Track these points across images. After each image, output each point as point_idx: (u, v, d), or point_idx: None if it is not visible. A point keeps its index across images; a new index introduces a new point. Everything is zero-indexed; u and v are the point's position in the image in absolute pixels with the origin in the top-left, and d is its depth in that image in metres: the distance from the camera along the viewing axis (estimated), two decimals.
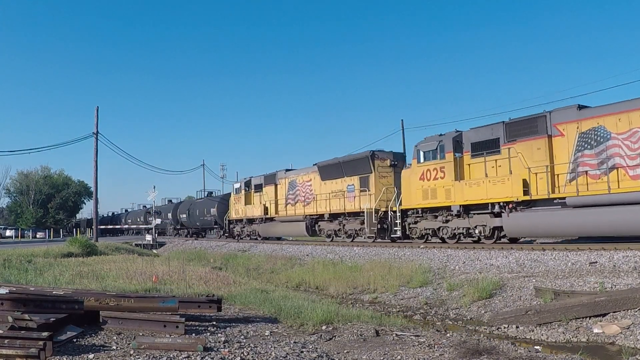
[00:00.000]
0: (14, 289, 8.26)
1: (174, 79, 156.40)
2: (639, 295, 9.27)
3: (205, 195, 46.59)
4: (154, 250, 35.67)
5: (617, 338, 8.55)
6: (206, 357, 5.63)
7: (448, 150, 18.78)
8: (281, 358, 5.94)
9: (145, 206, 59.50)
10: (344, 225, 24.46)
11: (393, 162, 23.25)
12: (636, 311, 9.04)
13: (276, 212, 30.10)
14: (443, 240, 19.38)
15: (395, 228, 21.05)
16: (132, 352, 5.73)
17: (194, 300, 8.16)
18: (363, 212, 22.64)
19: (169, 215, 49.15)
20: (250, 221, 33.32)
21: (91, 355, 5.58)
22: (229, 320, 8.38)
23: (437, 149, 19.16)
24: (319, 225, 26.40)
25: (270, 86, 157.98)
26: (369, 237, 22.58)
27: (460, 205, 18.12)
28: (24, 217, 72.95)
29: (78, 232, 51.09)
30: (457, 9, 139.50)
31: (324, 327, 8.15)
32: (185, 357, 5.58)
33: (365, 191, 23.07)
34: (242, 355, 5.87)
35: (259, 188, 32.04)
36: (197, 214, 42.92)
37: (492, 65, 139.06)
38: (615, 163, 14.26)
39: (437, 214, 19.38)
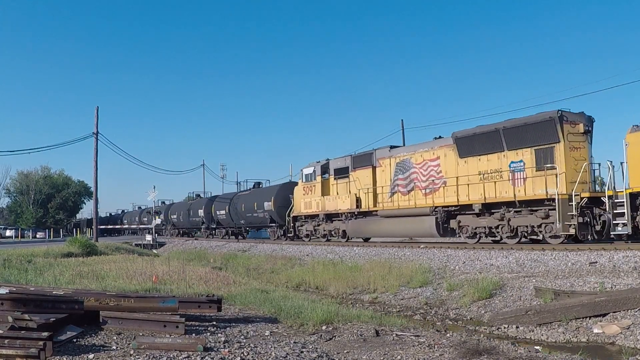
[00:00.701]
0: (14, 289, 8.26)
1: (174, 79, 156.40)
2: (639, 295, 9.27)
3: (250, 187, 38.38)
4: (154, 250, 35.67)
5: (617, 338, 8.55)
6: (206, 357, 5.64)
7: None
8: (281, 358, 5.94)
9: (163, 202, 56.25)
10: (509, 220, 17.13)
11: (587, 128, 16.29)
12: (636, 311, 9.04)
13: (374, 203, 22.55)
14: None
15: (618, 221, 14.39)
16: (132, 352, 5.73)
17: (194, 300, 8.16)
18: (545, 199, 15.85)
19: (200, 211, 43.22)
20: (330, 217, 25.64)
21: (91, 355, 5.58)
22: (229, 320, 8.38)
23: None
24: (459, 221, 19.02)
25: (270, 86, 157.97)
26: (561, 235, 15.48)
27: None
28: (24, 217, 72.99)
29: (78, 232, 51.10)
30: (457, 9, 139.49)
31: (324, 327, 8.15)
32: (185, 357, 5.58)
33: (547, 169, 15.93)
34: (242, 355, 5.87)
35: (343, 173, 24.75)
36: (242, 210, 35.09)
37: (492, 64, 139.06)
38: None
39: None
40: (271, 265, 21.99)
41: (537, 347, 8.10)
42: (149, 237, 42.25)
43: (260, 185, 38.01)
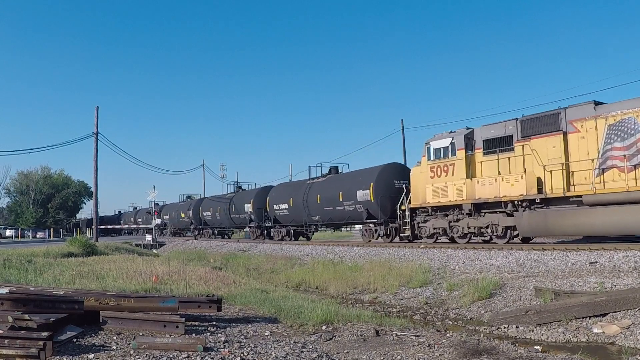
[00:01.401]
0: (14, 289, 8.27)
1: (174, 79, 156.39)
2: (639, 295, 9.26)
3: (324, 173, 28.68)
4: (154, 250, 35.66)
5: (617, 338, 8.55)
6: (206, 357, 5.64)
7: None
8: (281, 358, 5.94)
9: (189, 197, 53.53)
10: None
11: None
12: (636, 311, 9.04)
13: (568, 186, 15.48)
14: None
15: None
16: (132, 352, 5.73)
17: (194, 300, 8.16)
18: None
19: (246, 207, 34.92)
20: (479, 208, 17.94)
21: (91, 355, 5.58)
22: (229, 320, 8.38)
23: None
24: None
25: (270, 86, 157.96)
26: None
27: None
28: (24, 217, 72.96)
29: (78, 232, 51.08)
30: (457, 9, 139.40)
31: (324, 327, 8.15)
32: (185, 357, 5.58)
33: None
34: (242, 355, 5.87)
35: (502, 145, 17.52)
36: (318, 202, 26.48)
37: (492, 64, 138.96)
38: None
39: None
40: (271, 265, 21.99)
41: (537, 347, 8.10)
42: (149, 237, 42.22)
43: (340, 171, 28.48)
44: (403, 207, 20.81)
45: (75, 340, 6.22)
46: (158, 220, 43.10)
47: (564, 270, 12.63)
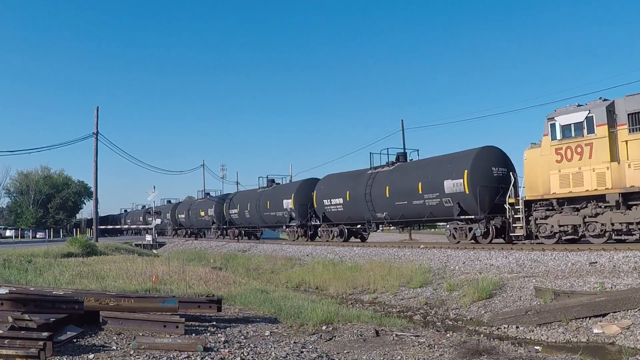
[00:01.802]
0: (14, 289, 8.27)
1: (174, 79, 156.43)
2: (639, 295, 9.26)
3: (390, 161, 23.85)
4: (154, 250, 35.67)
5: (617, 338, 8.55)
6: (206, 357, 5.64)
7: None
8: (281, 358, 5.94)
9: (208, 193, 47.69)
10: None
11: None
12: (636, 311, 9.04)
13: None
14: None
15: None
16: (132, 352, 5.73)
17: (194, 300, 8.16)
18: None
19: (285, 203, 29.86)
20: (628, 199, 14.28)
21: (91, 355, 5.58)
22: (229, 320, 8.38)
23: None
24: None
25: (270, 86, 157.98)
26: None
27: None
28: (24, 217, 72.96)
29: (78, 232, 51.08)
30: (457, 9, 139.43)
31: (324, 327, 8.15)
32: (185, 357, 5.58)
33: None
34: (242, 355, 5.87)
35: None
36: (398, 191, 21.57)
37: (492, 64, 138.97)
38: None
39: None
40: (271, 266, 21.99)
41: (537, 347, 8.10)
42: (149, 237, 42.23)
43: (409, 159, 24.10)
44: (511, 200, 17.02)
45: (75, 340, 6.22)
46: (158, 221, 43.07)
47: (564, 270, 12.63)
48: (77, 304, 6.87)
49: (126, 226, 63.89)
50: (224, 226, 39.63)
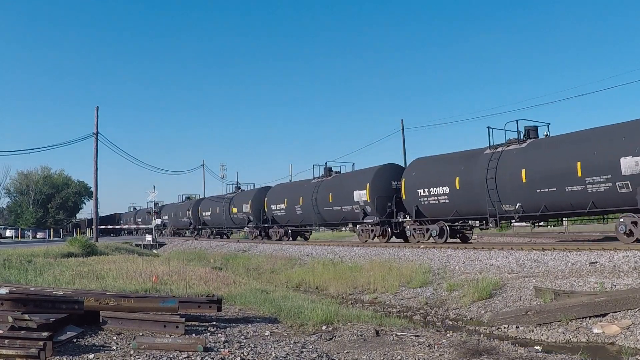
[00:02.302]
0: (14, 289, 8.26)
1: (174, 79, 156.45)
2: (639, 295, 9.26)
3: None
4: (154, 250, 35.67)
5: (617, 338, 8.55)
6: (206, 357, 5.64)
7: None
8: (281, 358, 5.94)
9: (240, 187, 43.60)
10: None
11: None
12: (636, 311, 9.04)
13: None
14: None
15: None
16: (132, 352, 5.73)
17: (194, 300, 8.16)
18: None
19: (358, 195, 23.54)
20: None
21: (91, 355, 5.58)
22: (229, 320, 8.38)
23: None
24: None
25: (270, 86, 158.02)
26: None
27: None
28: (24, 217, 73.00)
29: (78, 232, 51.07)
30: (457, 9, 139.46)
31: (324, 327, 8.15)
32: (185, 357, 5.58)
33: None
34: (242, 355, 5.87)
35: None
36: (508, 180, 17.16)
37: (492, 64, 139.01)
38: None
39: None
40: (271, 266, 21.99)
41: (537, 347, 8.10)
42: (148, 237, 42.24)
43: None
44: None
45: (75, 340, 6.22)
46: (158, 221, 43.10)
47: (564, 270, 12.63)
48: (77, 304, 6.87)
49: (135, 226, 62.62)
50: (264, 225, 33.39)
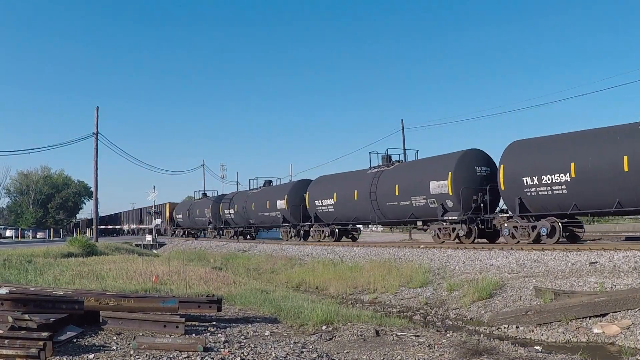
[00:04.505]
0: (14, 289, 8.26)
1: (174, 79, 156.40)
2: (639, 295, 9.26)
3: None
4: (154, 251, 35.67)
5: (617, 338, 8.55)
6: (206, 357, 5.64)
7: None
8: (281, 358, 5.93)
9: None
10: None
11: None
12: (636, 311, 9.04)
13: None
14: None
15: None
16: (132, 352, 5.73)
17: (194, 300, 8.16)
18: None
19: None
20: None
21: (91, 355, 5.58)
22: (229, 320, 8.38)
23: None
24: None
25: (270, 86, 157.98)
26: None
27: None
28: (24, 217, 73.02)
29: (78, 232, 51.06)
30: (457, 9, 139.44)
31: (324, 327, 8.15)
32: (185, 357, 5.58)
33: None
34: (242, 355, 5.87)
35: None
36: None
37: (492, 64, 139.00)
38: None
39: None
40: (271, 266, 21.98)
41: (537, 347, 8.10)
42: (149, 237, 42.23)
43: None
44: None
45: (75, 340, 6.22)
46: (158, 221, 43.07)
47: (564, 270, 12.63)
48: (77, 304, 6.87)
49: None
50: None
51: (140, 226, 57.97)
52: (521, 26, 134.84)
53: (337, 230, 25.93)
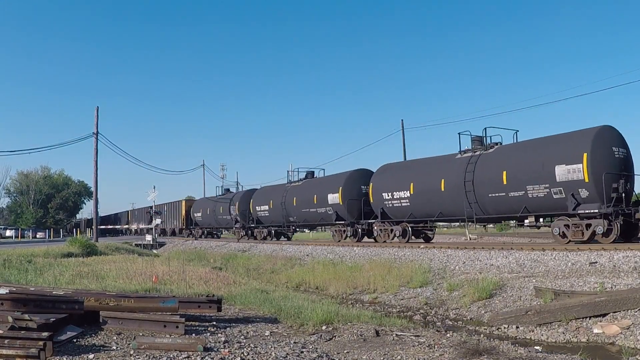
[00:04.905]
0: (14, 289, 8.26)
1: (174, 79, 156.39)
2: (639, 295, 9.26)
3: None
4: (154, 251, 35.66)
5: (617, 338, 8.55)
6: (206, 357, 5.63)
7: None
8: (281, 358, 5.93)
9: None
10: None
11: None
12: (636, 311, 9.03)
13: None
14: None
15: None
16: (132, 352, 5.73)
17: (194, 300, 8.16)
18: None
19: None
20: None
21: (91, 355, 5.58)
22: (229, 320, 8.38)
23: None
24: None
25: (270, 86, 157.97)
26: None
27: None
28: (24, 217, 73.02)
29: (78, 232, 51.05)
30: (457, 10, 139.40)
31: (324, 327, 8.15)
32: (185, 357, 5.58)
33: None
34: (242, 355, 5.87)
35: None
36: None
37: (492, 65, 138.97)
38: None
39: None
40: (271, 266, 21.98)
41: (537, 347, 8.09)
42: (149, 237, 42.22)
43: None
44: None
45: (75, 340, 6.22)
46: (158, 221, 43.03)
47: (564, 270, 12.62)
48: (77, 304, 6.87)
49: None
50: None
51: (140, 226, 57.77)
52: (521, 26, 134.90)
53: (409, 228, 21.90)
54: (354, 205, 24.38)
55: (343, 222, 25.31)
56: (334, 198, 25.30)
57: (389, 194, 22.17)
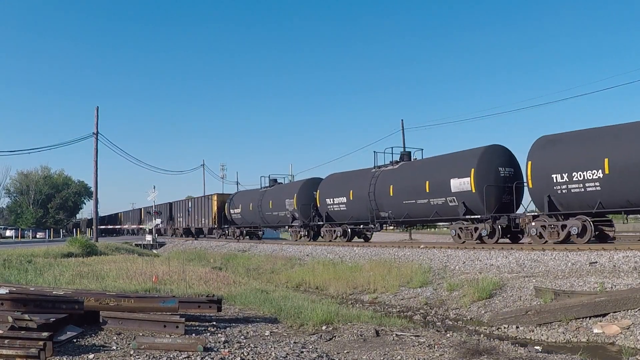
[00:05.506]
0: (14, 289, 8.26)
1: (174, 80, 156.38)
2: (639, 295, 9.26)
3: None
4: (154, 250, 35.65)
5: (617, 338, 8.55)
6: (206, 357, 5.63)
7: None
8: (281, 358, 5.93)
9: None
10: None
11: None
12: (636, 311, 9.04)
13: None
14: None
15: None
16: (132, 352, 5.73)
17: (194, 300, 8.16)
18: None
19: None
20: None
21: (91, 355, 5.58)
22: (229, 320, 8.38)
23: None
24: None
25: (270, 86, 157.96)
26: None
27: None
28: (24, 217, 73.01)
29: (78, 232, 51.04)
30: (457, 10, 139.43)
31: (324, 327, 8.15)
32: (185, 357, 5.58)
33: None
34: (242, 355, 5.87)
35: None
36: None
37: (492, 65, 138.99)
38: None
39: None
40: (271, 266, 21.98)
41: (537, 347, 8.10)
42: (149, 237, 42.21)
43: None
44: None
45: (75, 340, 6.22)
46: (158, 221, 43.01)
47: (564, 270, 12.63)
48: (77, 304, 6.87)
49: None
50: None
51: (141, 226, 57.62)
52: (521, 26, 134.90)
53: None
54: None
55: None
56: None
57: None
